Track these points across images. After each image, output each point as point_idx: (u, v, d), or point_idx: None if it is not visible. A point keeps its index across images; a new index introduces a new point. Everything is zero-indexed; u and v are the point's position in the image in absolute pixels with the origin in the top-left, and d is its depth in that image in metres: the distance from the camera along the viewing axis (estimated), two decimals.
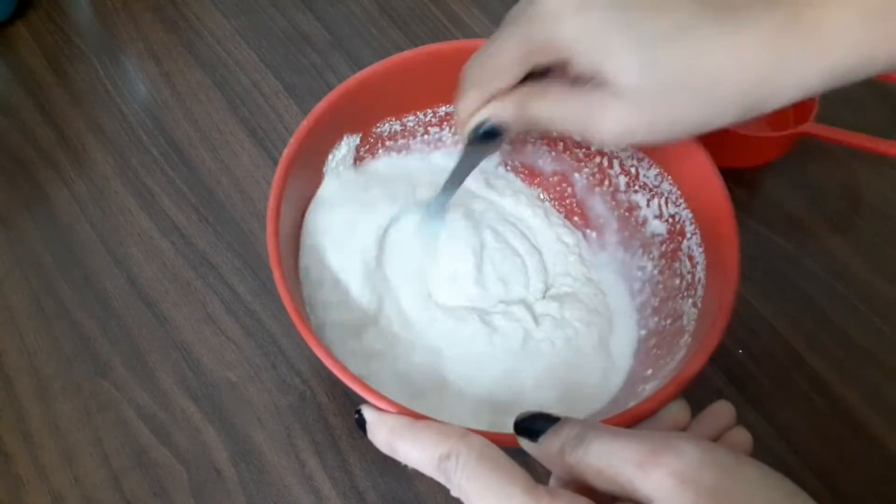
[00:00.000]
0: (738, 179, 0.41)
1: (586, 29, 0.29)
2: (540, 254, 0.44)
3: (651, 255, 0.43)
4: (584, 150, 0.46)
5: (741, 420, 0.34)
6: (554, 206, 0.47)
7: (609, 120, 0.30)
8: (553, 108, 0.32)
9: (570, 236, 0.45)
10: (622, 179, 0.44)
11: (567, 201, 0.47)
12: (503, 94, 0.33)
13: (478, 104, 0.34)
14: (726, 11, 0.28)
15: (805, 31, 0.27)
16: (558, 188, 0.47)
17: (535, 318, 0.41)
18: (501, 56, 0.33)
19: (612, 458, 0.25)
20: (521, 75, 0.33)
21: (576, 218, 0.46)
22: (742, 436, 0.32)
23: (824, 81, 0.28)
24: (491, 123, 0.34)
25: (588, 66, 0.30)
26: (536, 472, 0.27)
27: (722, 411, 0.33)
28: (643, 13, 0.28)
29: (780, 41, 0.27)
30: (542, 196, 0.47)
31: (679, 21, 0.28)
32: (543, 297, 0.43)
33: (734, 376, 0.44)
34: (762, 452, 0.29)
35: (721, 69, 0.28)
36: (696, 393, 0.33)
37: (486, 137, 0.34)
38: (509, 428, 0.29)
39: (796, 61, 0.28)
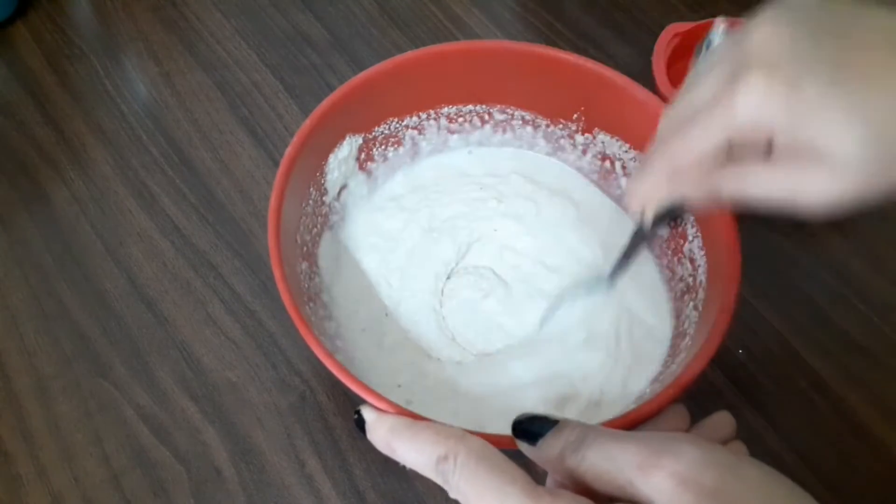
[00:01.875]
0: None
1: (800, 108, 0.27)
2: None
3: (652, 258, 0.43)
4: (585, 154, 0.46)
5: (741, 419, 0.34)
6: None
7: (823, 189, 0.28)
8: (751, 183, 0.30)
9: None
10: (624, 182, 0.44)
11: None
12: (692, 170, 0.31)
13: (662, 184, 0.31)
14: None
15: None
16: None
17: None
18: (697, 141, 0.30)
19: (611, 461, 0.25)
20: (714, 151, 0.30)
21: None
22: (738, 448, 0.32)
23: None
24: (677, 204, 0.32)
25: (795, 143, 0.28)
26: (535, 473, 0.27)
27: (722, 422, 0.33)
28: (861, 84, 0.27)
29: None
30: None
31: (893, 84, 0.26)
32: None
33: (734, 376, 0.44)
34: (762, 452, 0.29)
35: None
36: (696, 393, 0.33)
37: (665, 220, 0.32)
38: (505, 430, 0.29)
39: None
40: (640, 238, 0.37)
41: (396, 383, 0.39)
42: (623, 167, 0.44)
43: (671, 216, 0.32)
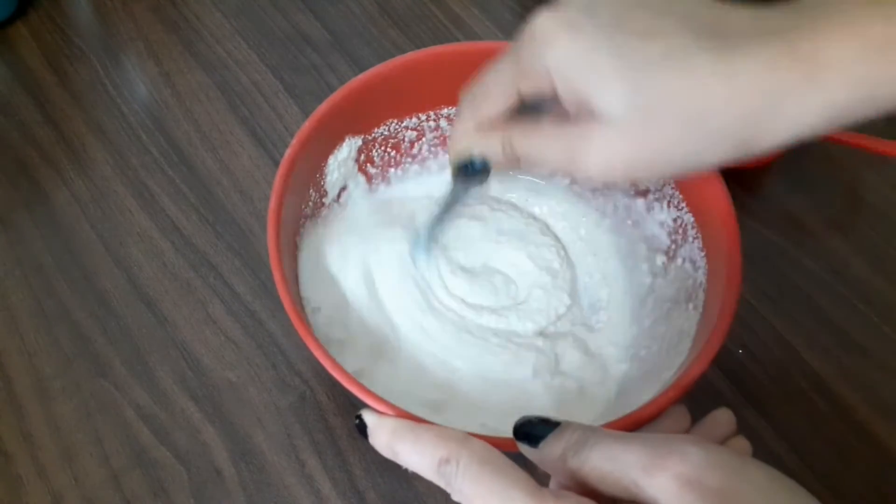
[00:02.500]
0: (739, 180, 0.40)
1: (573, 53, 0.28)
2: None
3: (653, 260, 0.43)
4: None
5: (741, 419, 0.34)
6: None
7: (593, 152, 0.29)
8: (538, 143, 0.31)
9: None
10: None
11: None
12: (493, 126, 0.32)
13: (469, 131, 0.33)
14: (720, 41, 0.26)
15: (801, 65, 0.26)
16: None
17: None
18: (490, 79, 0.32)
19: (615, 462, 0.25)
20: (508, 101, 0.31)
21: None
22: (742, 444, 0.32)
23: (822, 119, 0.26)
24: (476, 158, 0.33)
25: (573, 93, 0.29)
26: (537, 475, 0.27)
27: (722, 419, 0.33)
28: (634, 39, 0.27)
29: (775, 74, 0.26)
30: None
31: (670, 48, 0.26)
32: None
33: (734, 376, 0.44)
34: (762, 452, 0.29)
35: (712, 99, 0.26)
36: (695, 393, 0.33)
37: (473, 171, 0.33)
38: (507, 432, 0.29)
39: (791, 96, 0.26)
40: (452, 192, 0.38)
41: (395, 384, 0.39)
42: None
43: (477, 170, 0.33)
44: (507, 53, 0.31)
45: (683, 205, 0.40)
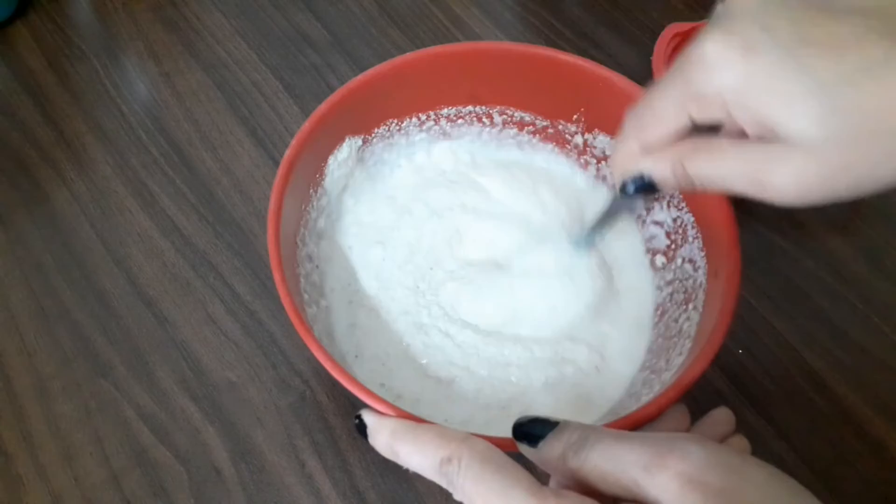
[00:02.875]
0: None
1: (753, 75, 0.26)
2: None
3: (653, 260, 0.43)
4: (584, 155, 0.46)
5: (741, 419, 0.34)
6: None
7: (784, 176, 0.26)
8: (716, 163, 0.29)
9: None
10: None
11: None
12: (662, 147, 0.30)
13: (634, 153, 0.31)
14: None
15: None
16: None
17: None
18: (657, 104, 0.30)
19: (616, 461, 0.25)
20: (678, 127, 0.30)
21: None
22: (741, 443, 0.32)
23: None
24: (646, 179, 0.31)
25: (754, 118, 0.26)
26: (537, 474, 0.27)
27: (722, 418, 0.33)
28: (819, 56, 0.25)
29: None
30: None
31: (863, 61, 0.24)
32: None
33: (734, 376, 0.44)
34: (762, 452, 0.29)
35: None
36: (695, 393, 0.33)
37: (639, 191, 0.32)
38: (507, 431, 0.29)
39: None
40: (614, 205, 0.38)
41: (395, 383, 0.39)
42: None
43: (643, 189, 0.32)
44: (675, 74, 0.29)
45: (683, 205, 0.41)
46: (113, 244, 0.48)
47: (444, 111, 0.45)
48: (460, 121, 0.46)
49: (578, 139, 0.45)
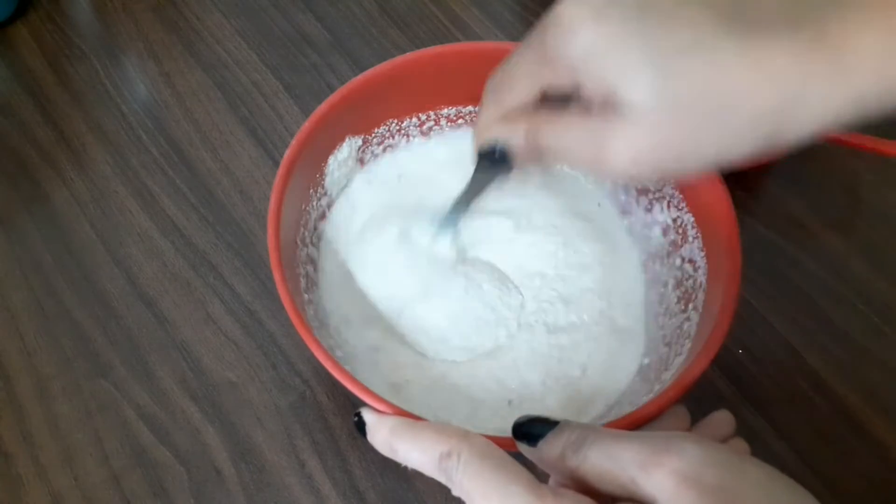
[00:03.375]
0: (738, 179, 0.40)
1: (599, 40, 0.27)
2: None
3: (652, 261, 0.43)
4: None
5: (741, 419, 0.34)
6: None
7: (618, 145, 0.28)
8: (562, 135, 0.30)
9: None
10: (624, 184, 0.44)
11: None
12: (518, 115, 0.31)
13: (493, 120, 0.32)
14: (748, 28, 0.25)
15: (831, 53, 0.25)
16: None
17: (547, 326, 0.41)
18: (514, 68, 0.31)
19: (613, 460, 0.25)
20: (533, 91, 0.31)
21: None
22: (740, 446, 0.32)
23: (848, 111, 0.26)
24: (499, 146, 0.32)
25: (599, 81, 0.28)
26: (537, 471, 0.27)
27: (722, 421, 0.33)
28: (661, 26, 0.26)
29: (804, 62, 0.25)
30: None
31: (698, 36, 0.26)
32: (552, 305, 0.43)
33: (734, 376, 0.44)
34: (762, 452, 0.29)
35: (740, 89, 0.26)
36: (695, 393, 0.33)
37: (495, 161, 0.32)
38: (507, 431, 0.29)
39: (820, 85, 0.25)
40: (475, 179, 0.38)
41: (393, 384, 0.39)
42: None
43: (500, 159, 0.32)
44: (530, 41, 0.30)
45: (684, 205, 0.40)
46: (113, 244, 0.48)
47: (445, 111, 0.45)
48: (461, 121, 0.46)
49: None
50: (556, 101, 0.31)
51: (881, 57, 0.24)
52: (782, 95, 0.25)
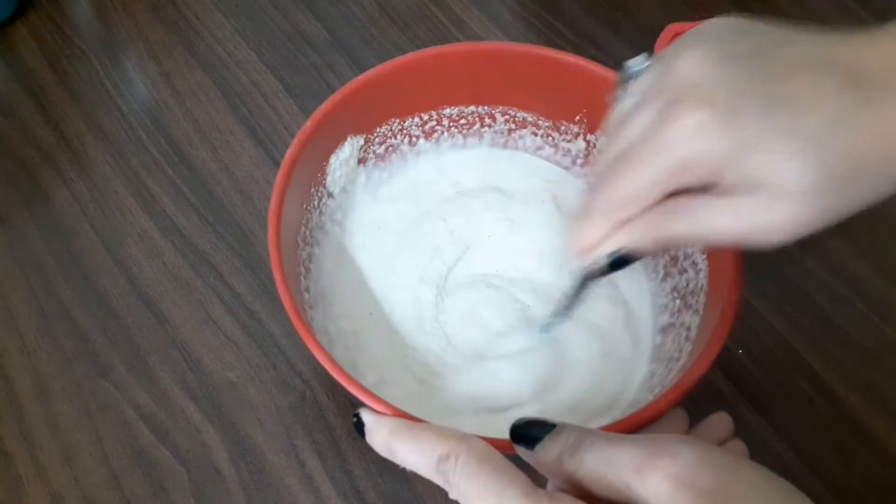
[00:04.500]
0: None
1: (741, 142, 0.27)
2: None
3: (653, 263, 0.43)
4: (588, 156, 0.45)
5: (741, 420, 0.34)
6: None
7: (779, 222, 0.27)
8: (699, 222, 0.29)
9: None
10: None
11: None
12: (634, 215, 0.30)
13: (606, 231, 0.30)
14: (868, 90, 0.26)
15: None
16: None
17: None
18: (638, 181, 0.29)
19: (609, 464, 0.25)
20: (662, 196, 0.29)
21: None
22: (739, 447, 0.32)
23: None
24: (624, 253, 0.30)
25: (745, 177, 0.27)
26: (535, 475, 0.27)
27: (720, 422, 0.33)
28: (796, 112, 0.26)
29: None
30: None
31: (833, 115, 0.26)
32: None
33: (734, 376, 0.44)
34: (762, 452, 0.29)
35: (879, 154, 0.27)
36: (695, 393, 0.33)
37: (615, 268, 0.31)
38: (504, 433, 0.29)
39: None
40: (583, 286, 0.36)
41: (393, 383, 0.39)
42: None
43: (620, 264, 0.31)
44: (649, 147, 0.28)
45: None
46: (113, 244, 0.48)
47: (447, 111, 0.45)
48: (462, 121, 0.46)
49: (581, 142, 0.45)
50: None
51: None
52: None
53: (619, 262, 0.30)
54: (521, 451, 0.28)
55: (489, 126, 0.46)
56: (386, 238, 0.44)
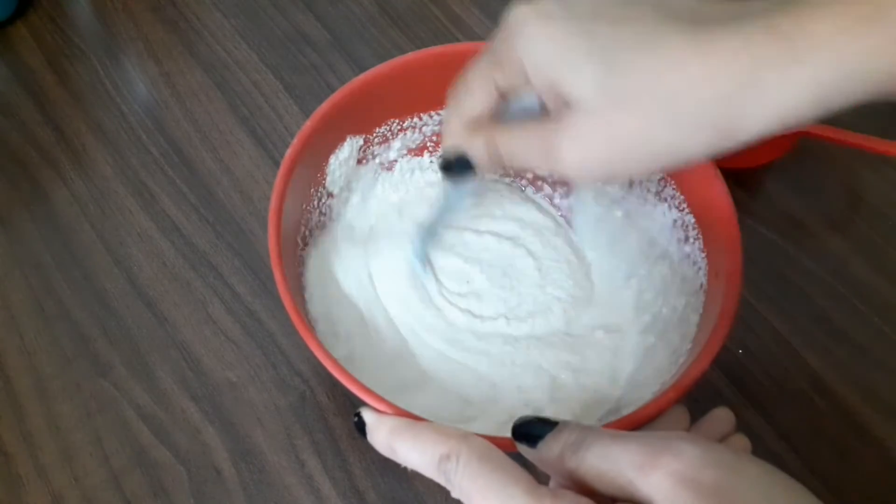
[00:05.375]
0: (738, 179, 0.40)
1: (544, 39, 0.28)
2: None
3: (654, 262, 0.43)
4: None
5: (741, 420, 0.34)
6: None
7: (568, 144, 0.28)
8: (518, 141, 0.31)
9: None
10: (625, 185, 0.44)
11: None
12: (479, 126, 0.32)
13: (456, 130, 0.33)
14: (695, 24, 0.25)
15: (781, 42, 0.24)
16: (557, 192, 0.47)
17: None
18: (470, 76, 0.32)
19: (611, 461, 0.25)
20: (489, 95, 0.31)
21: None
22: (741, 442, 0.32)
23: (808, 101, 0.24)
24: (458, 154, 0.33)
25: (546, 81, 0.29)
26: (537, 473, 0.27)
27: (721, 418, 0.33)
28: (606, 25, 0.27)
29: (753, 50, 0.24)
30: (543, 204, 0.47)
31: (643, 31, 0.26)
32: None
33: (734, 376, 0.44)
34: (762, 453, 0.29)
35: (687, 80, 0.25)
36: (695, 393, 0.33)
37: (458, 170, 0.33)
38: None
39: (772, 73, 0.24)
40: (445, 197, 0.38)
41: (394, 383, 0.39)
42: None
43: (463, 169, 0.33)
44: (486, 50, 0.31)
45: (685, 206, 0.40)
46: (113, 244, 0.48)
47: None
48: None
49: None
50: (522, 114, 0.31)
51: (835, 42, 0.23)
52: (732, 82, 0.25)
53: (463, 166, 0.33)
54: (523, 448, 0.28)
55: None
56: (384, 237, 0.44)
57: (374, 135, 0.44)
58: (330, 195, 0.43)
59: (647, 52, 0.26)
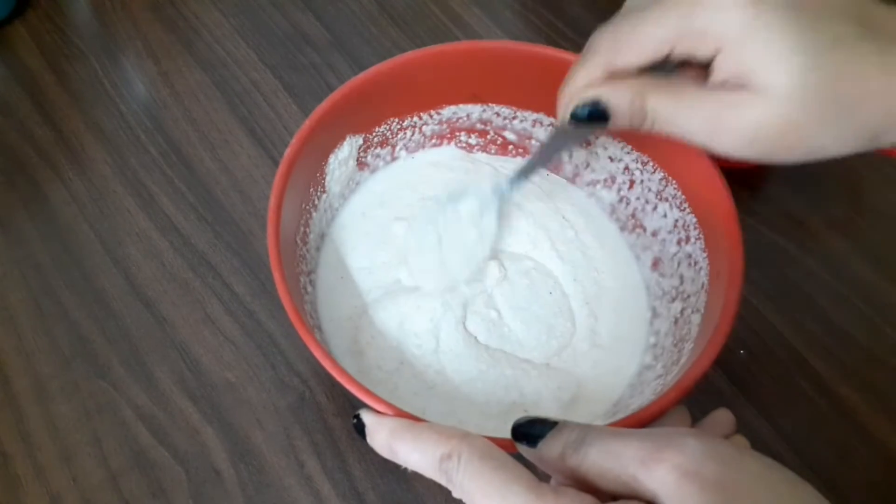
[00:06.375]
0: (739, 179, 0.40)
1: (755, 22, 0.28)
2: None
3: (654, 262, 0.43)
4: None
5: (742, 420, 0.34)
6: None
7: (741, 121, 0.28)
8: (679, 104, 0.30)
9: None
10: (626, 185, 0.44)
11: None
12: (622, 77, 0.31)
13: (595, 78, 0.31)
14: (879, 35, 0.28)
15: None
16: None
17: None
18: (644, 29, 0.30)
19: (613, 457, 0.25)
20: (657, 57, 0.30)
21: None
22: (742, 443, 0.32)
23: None
24: (602, 106, 0.31)
25: (738, 64, 0.28)
26: (538, 471, 0.27)
27: (722, 419, 0.33)
28: (811, 21, 0.27)
29: None
30: None
31: (842, 34, 0.27)
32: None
33: (735, 377, 0.44)
34: (762, 452, 0.29)
35: (867, 94, 0.27)
36: (696, 393, 0.33)
37: (590, 120, 0.31)
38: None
39: None
40: (555, 140, 0.36)
41: (394, 384, 0.39)
42: (626, 168, 0.44)
43: (594, 117, 0.31)
44: (670, 6, 0.29)
45: (686, 205, 0.40)
46: (111, 244, 0.48)
47: (447, 111, 0.45)
48: (462, 120, 0.46)
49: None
50: (656, 68, 0.30)
51: None
52: None
53: (593, 114, 0.31)
54: (523, 449, 0.28)
55: (489, 125, 0.46)
56: (386, 238, 0.44)
57: (374, 134, 0.44)
58: (330, 195, 0.43)
59: (845, 57, 0.27)
